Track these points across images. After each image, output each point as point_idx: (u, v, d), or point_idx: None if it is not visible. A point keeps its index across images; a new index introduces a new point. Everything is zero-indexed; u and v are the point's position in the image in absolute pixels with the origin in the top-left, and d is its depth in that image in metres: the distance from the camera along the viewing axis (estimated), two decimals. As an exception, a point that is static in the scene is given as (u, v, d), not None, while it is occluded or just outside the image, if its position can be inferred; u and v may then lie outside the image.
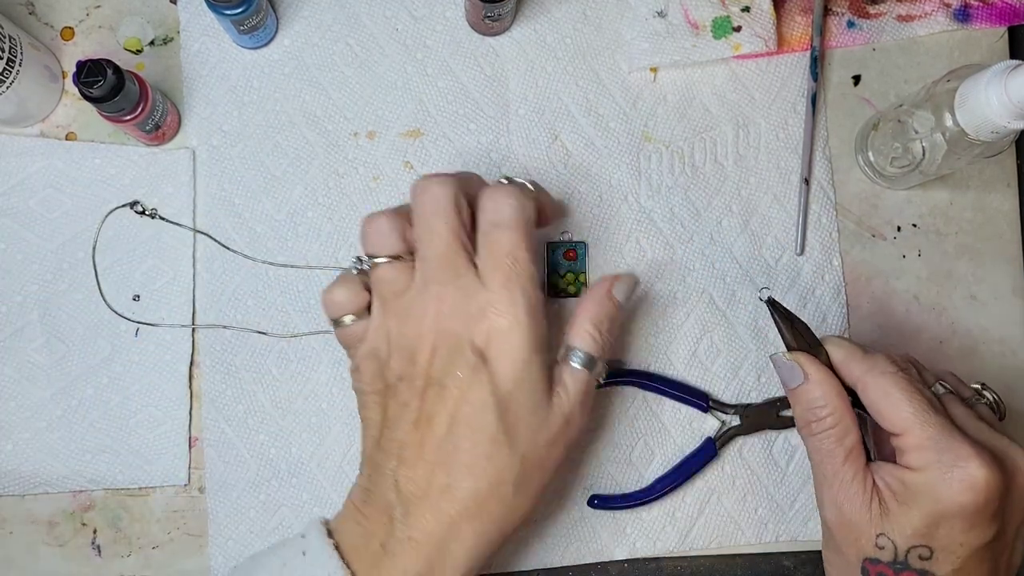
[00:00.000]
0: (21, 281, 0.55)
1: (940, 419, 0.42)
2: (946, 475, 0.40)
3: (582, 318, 0.45)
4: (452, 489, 0.41)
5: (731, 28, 0.57)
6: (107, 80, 0.48)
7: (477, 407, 0.41)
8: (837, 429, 0.44)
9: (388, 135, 0.57)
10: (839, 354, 0.45)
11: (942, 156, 0.51)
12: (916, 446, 0.41)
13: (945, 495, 0.40)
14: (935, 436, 0.41)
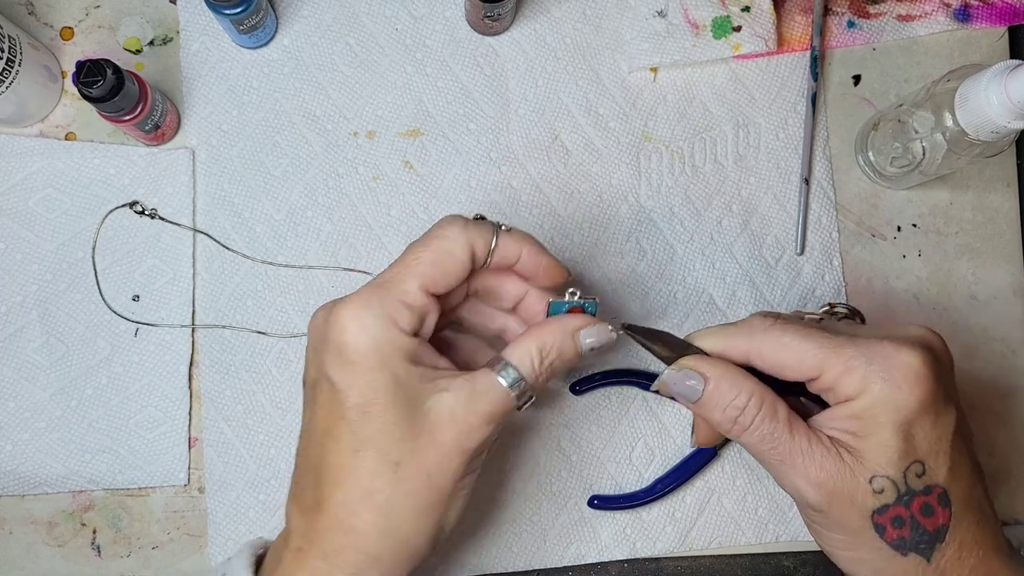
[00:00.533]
0: (21, 281, 0.55)
1: (843, 338, 0.39)
2: (888, 381, 0.38)
3: (531, 338, 0.41)
4: (326, 503, 0.39)
5: (731, 28, 0.57)
6: (107, 80, 0.48)
7: (334, 413, 0.39)
8: (766, 407, 0.40)
9: (388, 135, 0.57)
10: (713, 342, 0.42)
11: (942, 156, 0.51)
12: (841, 373, 0.38)
13: (900, 400, 0.38)
14: (852, 354, 0.38)
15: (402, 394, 0.38)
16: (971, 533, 0.39)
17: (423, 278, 0.40)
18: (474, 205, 0.57)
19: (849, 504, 0.39)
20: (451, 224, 0.41)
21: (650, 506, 0.55)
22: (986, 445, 0.57)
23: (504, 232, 0.42)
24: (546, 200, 0.57)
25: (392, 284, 0.40)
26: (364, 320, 0.38)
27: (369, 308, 0.39)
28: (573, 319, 0.42)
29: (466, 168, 0.57)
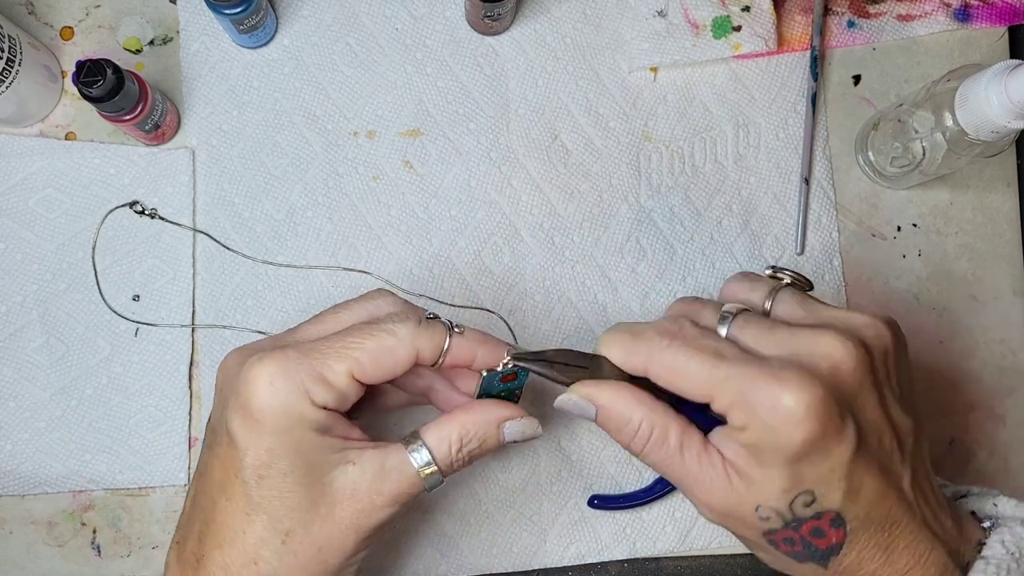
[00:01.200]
0: (21, 281, 0.55)
1: (734, 366, 0.37)
2: (769, 421, 0.36)
3: (454, 423, 0.40)
4: (205, 560, 0.38)
5: (731, 28, 0.57)
6: (107, 80, 0.47)
7: (231, 471, 0.38)
8: (656, 432, 0.39)
9: (388, 134, 0.57)
10: (614, 353, 0.39)
11: (942, 156, 0.51)
12: (729, 405, 0.37)
13: (782, 439, 0.36)
14: (737, 387, 0.36)
15: (303, 462, 0.37)
16: (874, 540, 0.38)
17: (356, 366, 0.38)
18: (474, 205, 0.57)
19: (741, 523, 0.39)
20: (403, 322, 0.39)
21: (650, 506, 0.55)
22: (986, 445, 0.57)
23: (457, 335, 0.41)
24: (546, 200, 0.57)
25: (319, 357, 0.38)
26: (276, 383, 0.37)
27: (285, 374, 0.37)
28: (502, 409, 0.41)
29: (466, 168, 0.57)
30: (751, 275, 0.43)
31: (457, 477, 0.55)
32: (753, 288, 0.41)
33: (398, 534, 0.54)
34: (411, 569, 0.54)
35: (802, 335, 0.37)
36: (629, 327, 0.40)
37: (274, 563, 0.37)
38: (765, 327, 0.38)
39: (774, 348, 0.38)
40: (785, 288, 0.41)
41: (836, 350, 0.37)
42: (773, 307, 0.41)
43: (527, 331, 0.56)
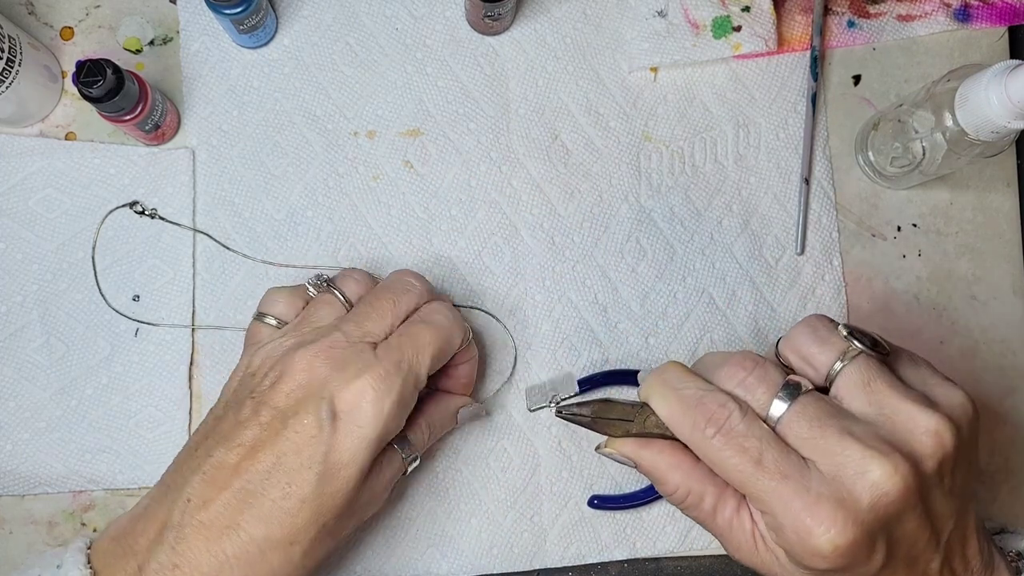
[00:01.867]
0: (21, 281, 0.55)
1: (772, 480, 0.36)
2: (796, 545, 0.36)
3: (423, 418, 0.47)
4: (239, 530, 0.39)
5: (731, 28, 0.57)
6: (107, 80, 0.47)
7: (305, 462, 0.40)
8: (692, 498, 0.40)
9: (388, 134, 0.57)
10: (659, 411, 0.40)
11: (942, 156, 0.51)
12: (762, 510, 0.38)
13: (806, 561, 0.36)
14: (771, 503, 0.37)
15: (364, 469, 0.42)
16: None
17: (431, 369, 0.44)
18: (474, 205, 0.57)
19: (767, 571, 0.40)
20: (443, 309, 0.46)
21: (650, 506, 0.55)
22: (986, 445, 0.57)
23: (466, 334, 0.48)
24: (546, 200, 0.57)
25: (415, 370, 0.43)
26: (387, 411, 0.41)
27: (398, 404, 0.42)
28: (456, 399, 0.50)
29: (466, 168, 0.57)
30: (823, 326, 0.40)
31: (458, 477, 0.55)
32: (823, 348, 0.39)
33: (398, 534, 0.54)
34: (412, 569, 0.54)
35: (853, 451, 0.36)
36: (679, 386, 0.40)
37: (305, 545, 0.40)
38: (818, 424, 0.37)
39: (821, 455, 0.36)
40: (857, 359, 0.38)
41: (885, 480, 0.35)
42: (836, 382, 0.39)
43: (527, 331, 0.56)
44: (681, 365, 0.41)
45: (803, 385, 0.38)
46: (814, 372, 0.40)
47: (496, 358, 0.56)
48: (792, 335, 0.40)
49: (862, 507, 0.35)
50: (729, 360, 0.40)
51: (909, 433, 0.36)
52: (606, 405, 0.42)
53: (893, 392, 0.37)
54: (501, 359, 0.56)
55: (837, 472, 0.36)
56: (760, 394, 0.38)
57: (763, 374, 0.39)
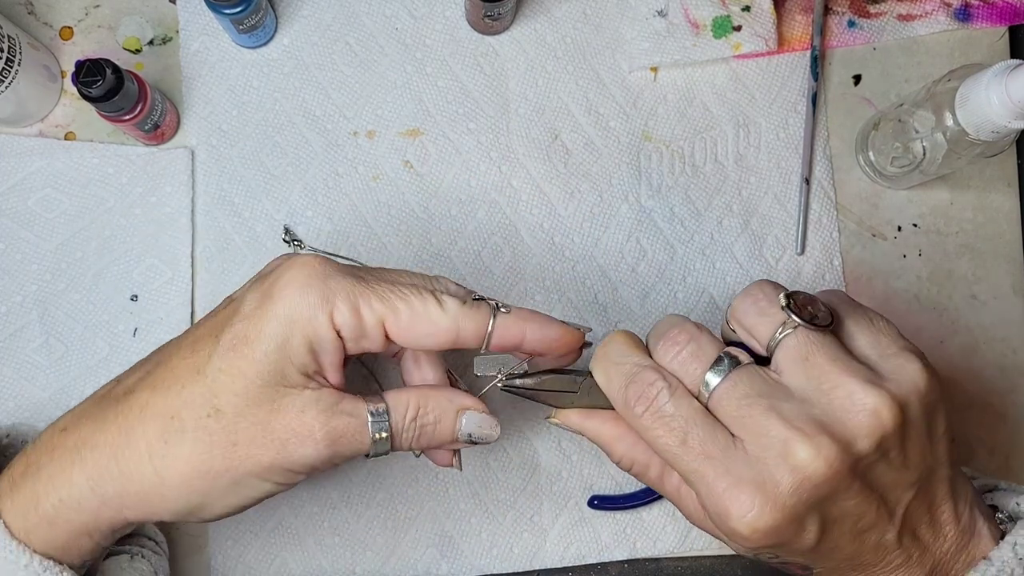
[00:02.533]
0: (20, 281, 0.55)
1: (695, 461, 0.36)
2: (719, 524, 0.36)
3: (416, 393, 0.40)
4: (133, 393, 0.37)
5: (731, 27, 0.57)
6: (106, 80, 0.47)
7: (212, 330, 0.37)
8: (637, 467, 0.42)
9: (388, 134, 0.57)
10: (600, 384, 0.40)
11: (943, 156, 0.51)
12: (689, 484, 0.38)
13: (732, 540, 0.37)
14: (694, 480, 0.37)
15: (277, 360, 0.36)
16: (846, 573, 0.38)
17: (392, 316, 0.38)
18: (474, 205, 0.57)
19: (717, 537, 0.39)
20: (453, 296, 0.39)
21: (650, 506, 0.55)
22: (986, 443, 0.57)
23: (503, 315, 0.40)
24: (546, 200, 0.57)
25: (363, 287, 0.38)
26: (312, 282, 0.37)
27: (324, 279, 0.37)
28: (465, 398, 0.41)
29: (466, 168, 0.57)
30: (764, 296, 0.39)
31: (458, 477, 0.55)
32: (762, 317, 0.38)
33: (398, 534, 0.54)
34: (411, 570, 0.54)
35: (777, 431, 0.35)
36: (618, 360, 0.39)
37: (188, 428, 0.36)
38: (747, 402, 0.36)
39: (747, 434, 0.36)
40: (796, 332, 0.37)
41: (807, 463, 0.34)
42: (776, 354, 0.37)
43: (527, 331, 0.56)
44: (628, 335, 0.40)
45: (740, 359, 0.37)
46: (756, 343, 0.38)
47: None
48: (735, 304, 0.39)
49: (782, 491, 0.35)
50: (667, 333, 0.39)
51: (844, 411, 0.35)
52: (550, 377, 0.42)
53: (833, 367, 0.36)
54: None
55: (761, 453, 0.35)
56: (692, 369, 0.38)
57: (696, 349, 0.38)
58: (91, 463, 0.37)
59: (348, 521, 0.54)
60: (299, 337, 0.37)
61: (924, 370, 0.37)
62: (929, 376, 0.37)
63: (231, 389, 0.36)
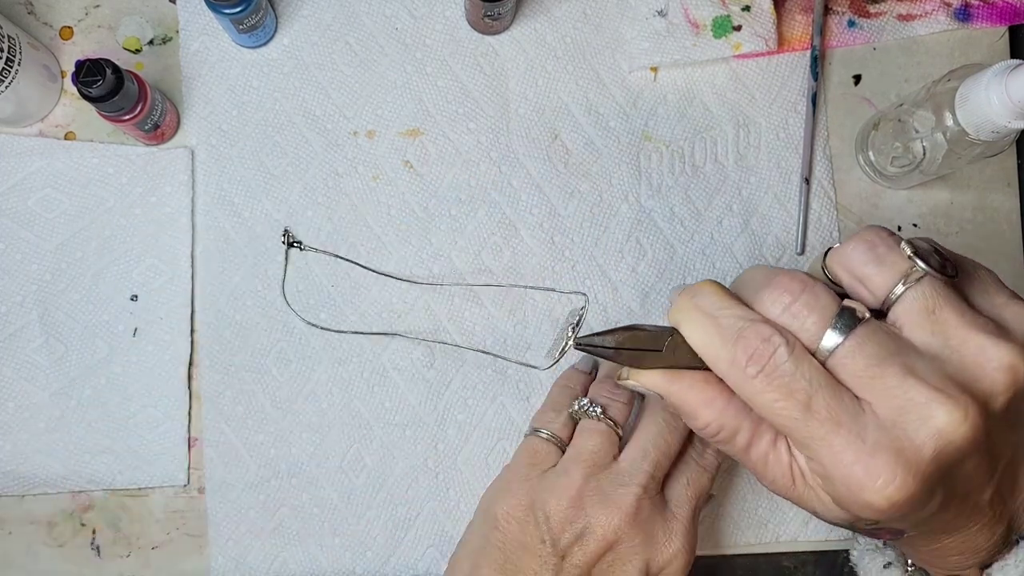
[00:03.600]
0: (20, 281, 0.55)
1: (823, 428, 0.32)
2: (847, 497, 0.33)
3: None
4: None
5: (731, 27, 0.57)
6: (106, 79, 0.47)
7: None
8: (724, 433, 0.36)
9: (388, 134, 0.57)
10: (692, 339, 0.35)
11: (943, 156, 0.51)
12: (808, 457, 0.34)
13: (855, 510, 0.33)
14: (820, 453, 0.33)
15: None
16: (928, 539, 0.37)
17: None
18: (474, 205, 0.57)
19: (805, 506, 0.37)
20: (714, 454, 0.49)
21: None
22: (986, 445, 0.57)
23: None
24: (546, 200, 0.57)
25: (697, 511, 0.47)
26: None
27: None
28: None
29: (466, 168, 0.57)
30: (882, 242, 0.34)
31: (458, 477, 0.55)
32: (881, 268, 0.34)
33: (398, 535, 0.54)
34: (412, 570, 0.54)
35: (917, 393, 0.32)
36: (716, 312, 0.34)
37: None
38: (877, 362, 0.32)
39: (879, 397, 0.32)
40: (921, 283, 0.33)
41: (954, 427, 0.31)
42: (896, 308, 0.34)
43: (527, 331, 0.56)
44: (718, 285, 0.35)
45: (860, 313, 0.33)
46: (869, 294, 0.34)
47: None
48: (845, 250, 0.35)
49: (924, 458, 0.31)
50: (774, 281, 0.34)
51: (979, 368, 0.32)
52: (631, 333, 0.36)
53: (961, 321, 0.33)
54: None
55: (897, 417, 0.32)
56: (810, 324, 0.33)
57: (813, 300, 0.33)
58: None
59: (348, 522, 0.54)
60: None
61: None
62: None
63: None
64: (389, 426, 0.55)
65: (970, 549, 0.37)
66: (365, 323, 0.55)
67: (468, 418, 0.55)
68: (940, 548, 0.37)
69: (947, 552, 0.37)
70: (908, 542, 0.38)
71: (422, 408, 0.55)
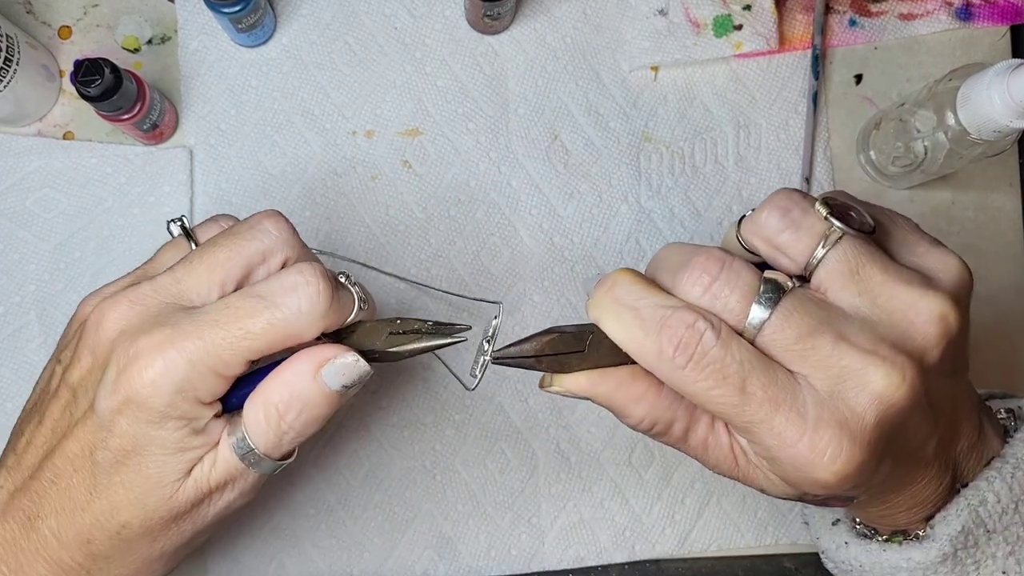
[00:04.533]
0: (19, 281, 0.54)
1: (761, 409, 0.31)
2: (793, 476, 0.32)
3: (260, 398, 0.34)
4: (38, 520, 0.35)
5: (732, 26, 0.57)
6: (105, 79, 0.47)
7: (85, 448, 0.35)
8: (658, 427, 0.35)
9: (387, 134, 0.57)
10: (614, 334, 0.33)
11: (944, 155, 0.51)
12: (750, 441, 0.33)
13: (803, 488, 0.32)
14: (761, 435, 0.31)
15: (161, 460, 0.34)
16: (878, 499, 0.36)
17: (252, 353, 0.33)
18: (473, 205, 0.56)
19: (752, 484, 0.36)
20: (307, 295, 0.33)
21: (649, 508, 0.55)
22: (988, 447, 0.57)
23: (363, 311, 0.36)
24: (546, 200, 0.57)
25: (215, 346, 0.33)
26: (172, 374, 0.33)
27: (187, 368, 0.33)
28: (313, 356, 0.34)
29: (465, 168, 0.57)
30: (796, 205, 0.33)
31: (456, 478, 0.54)
32: (798, 234, 0.32)
33: (395, 536, 0.54)
34: (409, 572, 0.54)
35: (851, 359, 0.31)
36: (635, 303, 0.32)
37: (106, 546, 0.35)
38: (807, 332, 0.31)
39: (813, 369, 0.31)
40: (841, 243, 0.32)
41: (893, 390, 0.30)
42: (818, 272, 0.32)
43: (526, 332, 0.55)
44: (634, 273, 0.33)
45: (783, 283, 0.32)
46: (789, 262, 0.33)
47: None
48: (759, 218, 0.33)
49: (868, 425, 0.31)
50: (691, 262, 0.32)
51: (910, 324, 0.32)
52: (550, 337, 0.34)
53: (885, 277, 0.32)
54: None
55: (835, 387, 0.31)
56: (733, 302, 0.32)
57: (733, 277, 0.32)
58: None
59: (345, 523, 0.54)
60: (176, 433, 0.34)
61: (959, 259, 0.34)
62: (964, 264, 0.34)
63: (127, 501, 0.35)
64: (386, 427, 0.55)
65: (918, 504, 0.36)
66: (364, 323, 0.55)
67: (465, 419, 0.55)
68: (889, 507, 0.36)
69: (896, 510, 0.36)
70: (857, 506, 0.37)
71: (420, 409, 0.55)
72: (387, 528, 0.54)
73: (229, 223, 0.38)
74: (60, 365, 0.37)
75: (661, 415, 0.34)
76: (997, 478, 0.35)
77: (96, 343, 0.35)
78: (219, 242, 0.36)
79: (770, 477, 0.34)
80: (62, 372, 0.37)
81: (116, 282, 0.39)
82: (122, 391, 0.33)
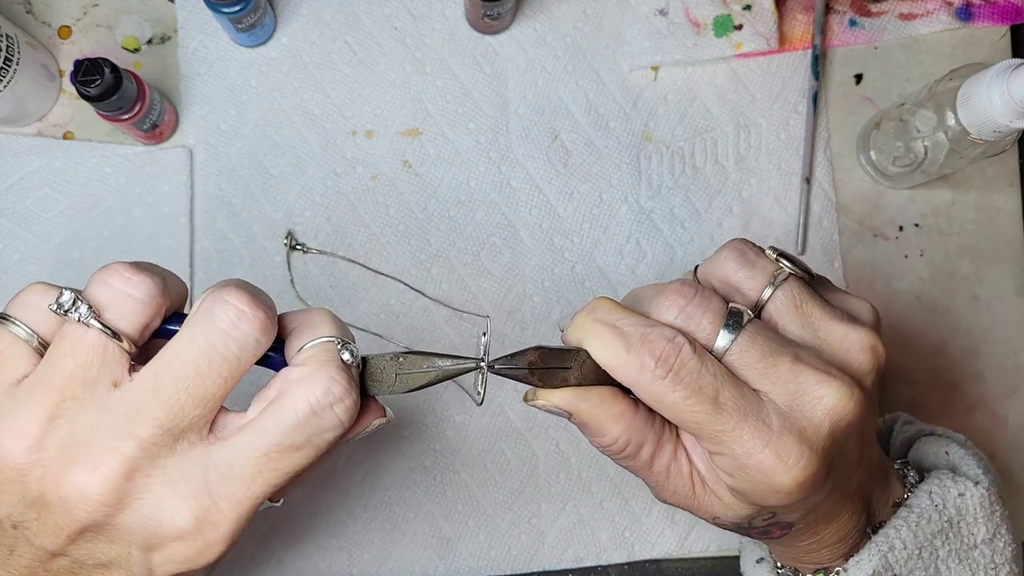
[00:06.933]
0: (18, 281, 0.54)
1: (731, 420, 0.34)
2: (757, 484, 0.34)
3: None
4: None
5: (732, 26, 0.57)
6: (104, 79, 0.47)
7: None
8: (631, 448, 0.37)
9: (387, 134, 0.57)
10: (597, 354, 0.35)
11: (944, 155, 0.51)
12: (718, 453, 0.35)
13: (765, 498, 0.35)
14: (731, 445, 0.34)
15: None
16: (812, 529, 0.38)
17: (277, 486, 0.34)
18: (473, 205, 0.56)
19: (691, 511, 0.38)
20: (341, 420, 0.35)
21: (649, 508, 0.55)
22: (988, 446, 0.57)
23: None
24: (546, 200, 0.57)
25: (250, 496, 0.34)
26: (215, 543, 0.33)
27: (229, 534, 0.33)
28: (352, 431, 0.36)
29: (465, 168, 0.57)
30: (750, 249, 0.38)
31: (455, 479, 0.54)
32: (752, 272, 0.37)
33: (395, 536, 0.54)
34: (409, 572, 0.54)
35: (807, 377, 0.34)
36: (616, 323, 0.35)
37: None
38: (770, 353, 0.35)
39: (774, 386, 0.34)
40: (788, 282, 0.37)
41: (843, 404, 0.34)
42: (768, 307, 0.36)
43: (526, 332, 0.56)
44: (612, 300, 0.36)
45: (745, 312, 0.35)
46: (743, 298, 0.37)
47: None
48: (716, 260, 0.38)
49: (823, 434, 0.34)
50: (666, 289, 0.35)
51: (846, 352, 0.36)
52: (541, 353, 0.36)
53: (823, 313, 0.36)
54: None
55: (793, 402, 0.34)
56: (706, 323, 0.35)
57: (706, 302, 0.35)
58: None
59: (345, 523, 0.54)
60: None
61: (870, 304, 0.39)
62: (874, 307, 0.39)
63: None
64: (386, 427, 0.55)
65: (841, 538, 0.39)
66: (363, 324, 0.55)
67: (465, 420, 0.55)
68: (818, 539, 0.39)
69: (824, 543, 0.39)
70: (790, 539, 0.39)
71: (419, 409, 0.55)
72: (387, 528, 0.54)
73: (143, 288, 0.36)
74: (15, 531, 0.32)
75: (634, 436, 0.37)
76: (904, 526, 0.39)
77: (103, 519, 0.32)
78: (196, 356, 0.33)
79: (725, 500, 0.37)
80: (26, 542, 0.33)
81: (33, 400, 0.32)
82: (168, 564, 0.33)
